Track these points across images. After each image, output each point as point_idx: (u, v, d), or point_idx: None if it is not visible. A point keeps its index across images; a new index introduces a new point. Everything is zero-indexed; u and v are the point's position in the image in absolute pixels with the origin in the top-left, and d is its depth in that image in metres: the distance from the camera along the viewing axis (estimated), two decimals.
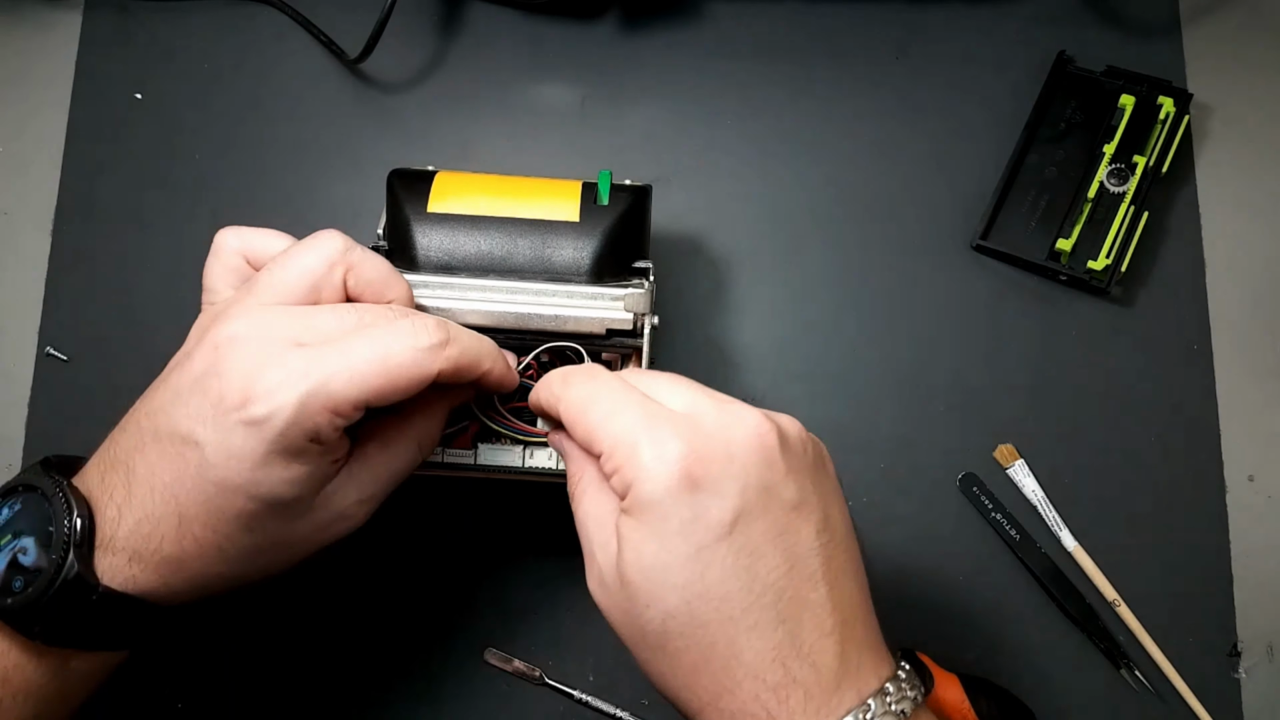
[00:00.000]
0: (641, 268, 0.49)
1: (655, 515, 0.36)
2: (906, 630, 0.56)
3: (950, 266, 0.61)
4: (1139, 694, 0.55)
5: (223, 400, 0.37)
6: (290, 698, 0.55)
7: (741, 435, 0.37)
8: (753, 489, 0.36)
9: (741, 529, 0.36)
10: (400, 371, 0.39)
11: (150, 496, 0.38)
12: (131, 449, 0.39)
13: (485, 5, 0.64)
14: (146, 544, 0.38)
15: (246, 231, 0.44)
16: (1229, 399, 0.59)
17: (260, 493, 0.38)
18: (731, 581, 0.36)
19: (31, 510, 0.39)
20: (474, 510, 0.56)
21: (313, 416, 0.37)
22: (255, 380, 0.37)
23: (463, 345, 0.41)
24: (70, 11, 0.64)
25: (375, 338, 0.39)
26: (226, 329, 0.39)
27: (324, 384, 0.37)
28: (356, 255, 0.42)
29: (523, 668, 0.55)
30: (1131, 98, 0.61)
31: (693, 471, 0.36)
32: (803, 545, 0.37)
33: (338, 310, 0.40)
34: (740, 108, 0.63)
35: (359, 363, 0.38)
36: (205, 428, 0.38)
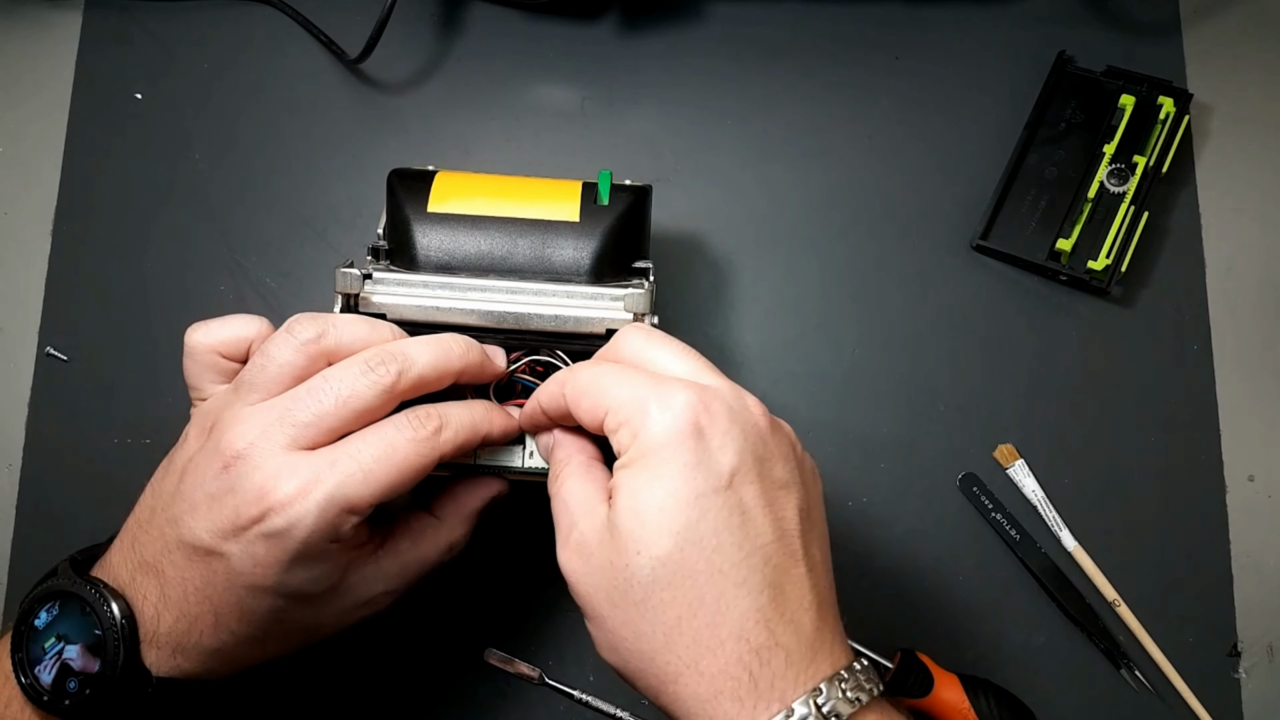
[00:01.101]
0: (642, 268, 0.49)
1: (660, 458, 0.37)
2: (906, 630, 0.56)
3: (950, 266, 0.61)
4: (1139, 694, 0.55)
5: (240, 516, 0.39)
6: (290, 697, 0.55)
7: (741, 406, 0.39)
8: (750, 454, 0.38)
9: (738, 486, 0.37)
10: (406, 465, 0.40)
11: (184, 599, 0.40)
12: (159, 554, 0.41)
13: (485, 5, 0.64)
14: (187, 638, 0.41)
15: (213, 325, 0.44)
16: (1229, 399, 0.59)
17: (288, 591, 0.40)
18: (725, 534, 0.37)
19: (71, 614, 0.41)
20: None
21: (331, 521, 0.39)
22: (270, 494, 0.39)
23: (455, 425, 0.42)
24: (70, 11, 0.64)
25: (378, 437, 0.41)
26: (231, 444, 0.40)
27: (339, 488, 0.39)
28: (331, 339, 0.42)
29: (523, 668, 0.55)
30: (1131, 98, 0.61)
31: (699, 420, 0.37)
32: (789, 522, 0.38)
33: (321, 393, 0.41)
34: (740, 108, 0.63)
35: (369, 463, 0.40)
36: (228, 542, 0.39)
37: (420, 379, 0.42)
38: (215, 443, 0.40)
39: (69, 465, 0.58)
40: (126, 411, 0.58)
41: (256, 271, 0.60)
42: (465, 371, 0.43)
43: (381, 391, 0.41)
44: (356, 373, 0.41)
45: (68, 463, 0.58)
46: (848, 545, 0.57)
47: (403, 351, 0.42)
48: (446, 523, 0.46)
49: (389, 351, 0.41)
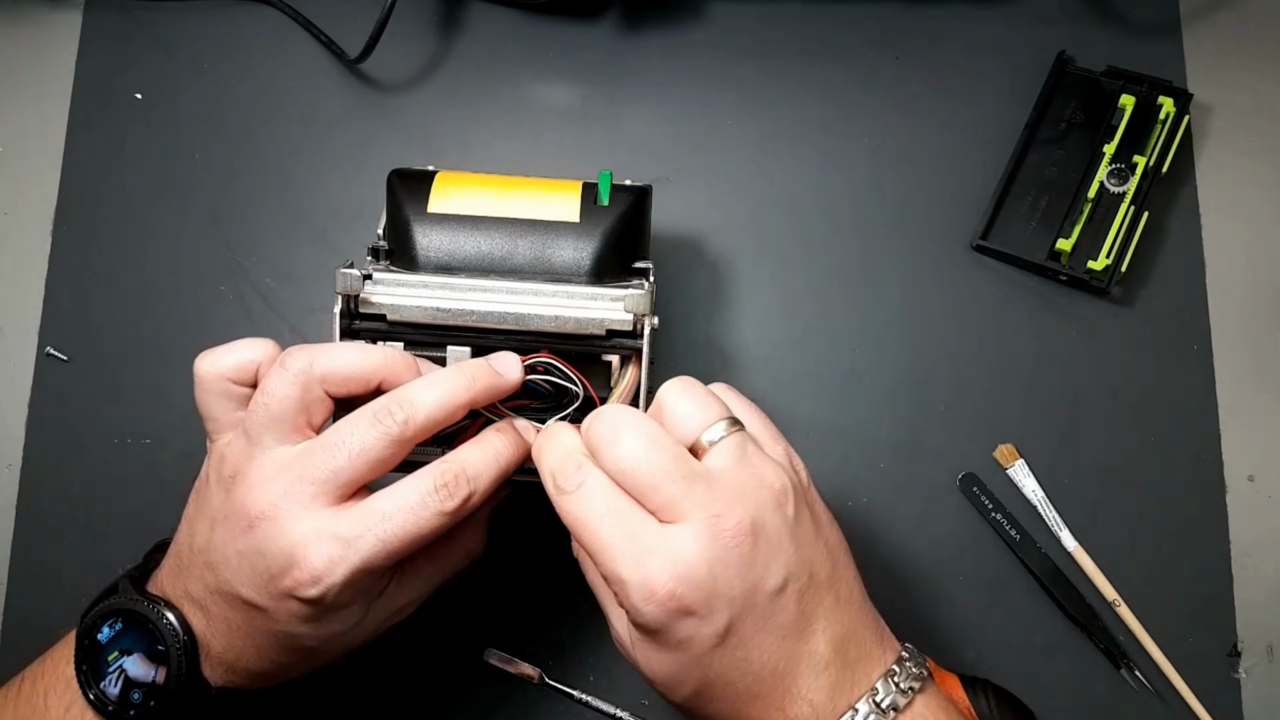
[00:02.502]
0: (642, 268, 0.49)
1: (654, 637, 0.39)
2: (906, 630, 0.55)
3: (950, 266, 0.61)
4: (1139, 694, 0.55)
5: (274, 580, 0.41)
6: (290, 697, 0.54)
7: (722, 547, 0.38)
8: (739, 599, 0.39)
9: (733, 632, 0.39)
10: (431, 533, 0.41)
11: (229, 633, 0.43)
12: (202, 594, 0.43)
13: (485, 5, 0.64)
14: (236, 663, 0.43)
15: (220, 353, 0.45)
16: (1229, 399, 0.59)
17: (323, 634, 0.43)
18: (731, 673, 0.39)
19: (134, 629, 0.43)
20: None
21: (357, 584, 0.41)
22: (298, 563, 0.40)
23: (485, 487, 0.43)
24: (70, 11, 0.64)
25: (406, 507, 0.41)
26: (254, 504, 0.41)
27: (364, 562, 0.40)
28: (321, 365, 0.43)
29: (523, 668, 0.55)
30: (1131, 98, 0.61)
31: (682, 601, 0.38)
32: (789, 615, 0.40)
33: (334, 449, 0.41)
34: (740, 108, 0.63)
35: (393, 539, 0.41)
36: (264, 598, 0.41)
37: (428, 422, 0.42)
38: (240, 500, 0.42)
39: (69, 465, 0.58)
40: (126, 411, 0.58)
41: (256, 271, 0.60)
42: (476, 401, 0.44)
43: (391, 442, 0.41)
44: (365, 425, 0.41)
45: (68, 463, 0.58)
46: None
47: (408, 398, 0.42)
48: (458, 536, 0.47)
49: (396, 400, 0.42)
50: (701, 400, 0.42)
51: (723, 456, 0.40)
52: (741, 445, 0.41)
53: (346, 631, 0.44)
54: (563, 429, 0.44)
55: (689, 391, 0.42)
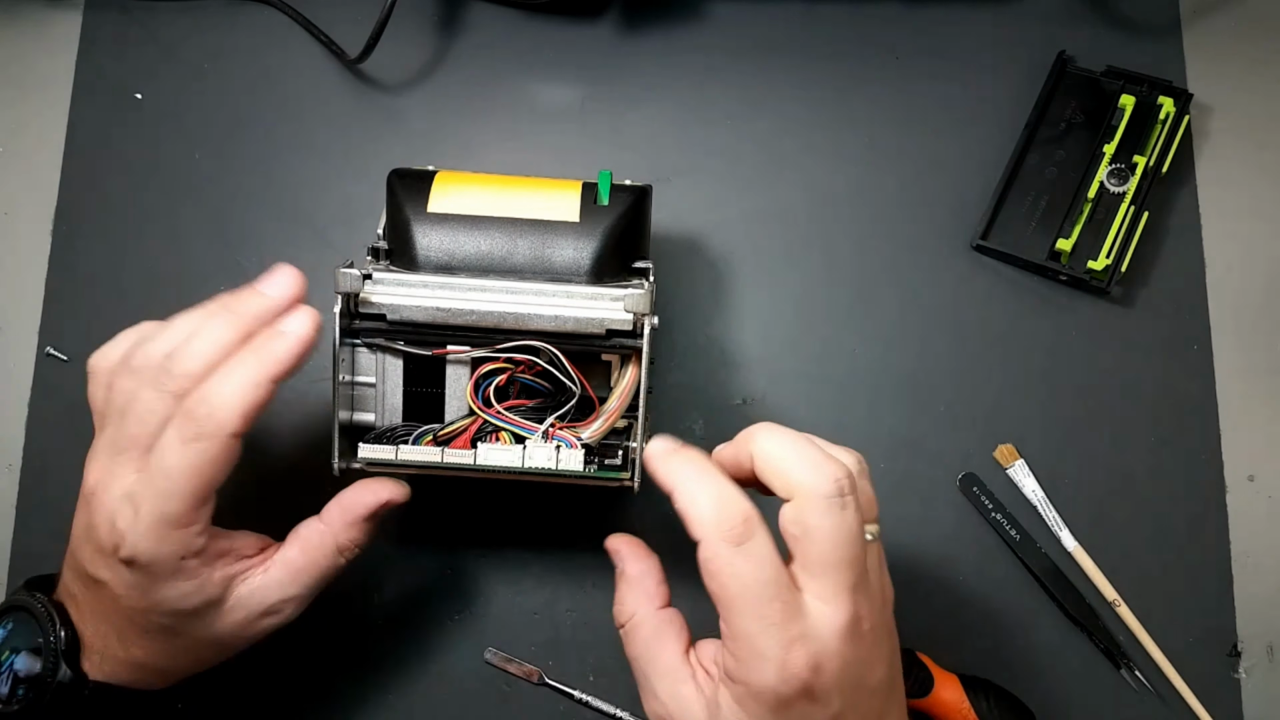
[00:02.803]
0: (641, 268, 0.49)
1: (765, 711, 0.39)
2: (907, 630, 0.55)
3: (950, 266, 0.61)
4: (1139, 694, 0.55)
5: (102, 548, 0.42)
6: (290, 698, 0.55)
7: (856, 646, 0.39)
8: (850, 691, 0.39)
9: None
10: (200, 462, 0.41)
11: (93, 617, 0.44)
12: (70, 579, 0.45)
13: (485, 5, 0.64)
14: (105, 649, 0.44)
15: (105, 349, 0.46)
16: (1229, 399, 0.59)
17: (166, 609, 0.43)
18: None
19: (21, 626, 0.45)
20: (474, 510, 0.56)
21: (165, 540, 0.41)
22: (112, 528, 0.42)
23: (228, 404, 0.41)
24: (70, 11, 0.64)
25: (167, 449, 0.41)
26: (86, 482, 0.43)
27: (154, 514, 0.41)
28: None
29: (523, 668, 0.55)
30: (1131, 98, 0.61)
31: (810, 686, 0.38)
32: (874, 712, 0.41)
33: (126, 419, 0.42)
34: (740, 108, 0.63)
35: (164, 483, 0.41)
36: (102, 570, 0.43)
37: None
38: (83, 482, 0.44)
39: (69, 465, 0.57)
40: None
41: (256, 271, 0.59)
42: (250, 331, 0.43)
43: (174, 400, 0.41)
44: (148, 389, 0.42)
45: (68, 463, 0.57)
46: None
47: (183, 354, 0.42)
48: (332, 528, 0.47)
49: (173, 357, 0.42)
50: (871, 496, 0.42)
51: (872, 557, 0.41)
52: (880, 552, 0.42)
53: (199, 612, 0.44)
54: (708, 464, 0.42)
55: (865, 481, 0.42)
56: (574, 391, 0.47)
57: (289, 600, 0.46)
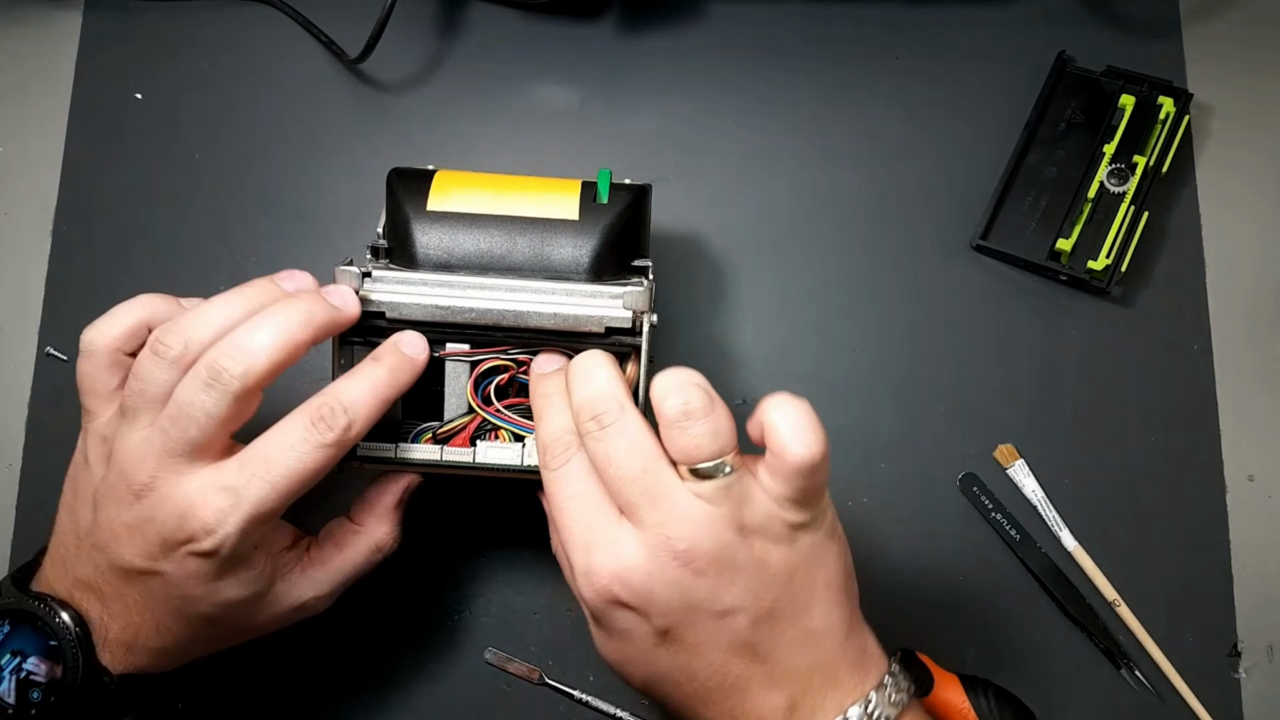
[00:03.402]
0: (641, 266, 0.49)
1: (596, 622, 0.43)
2: (907, 630, 0.56)
3: (950, 266, 0.61)
4: (1139, 694, 0.55)
5: (167, 541, 0.41)
6: (290, 698, 0.55)
7: (662, 565, 0.40)
8: (678, 611, 0.40)
9: (675, 638, 0.41)
10: (316, 469, 0.42)
11: (126, 610, 0.43)
12: (93, 575, 0.43)
13: (485, 5, 0.64)
14: (135, 640, 0.43)
15: (105, 322, 0.45)
16: (1229, 399, 0.59)
17: (219, 599, 0.43)
18: (677, 674, 0.42)
19: (23, 630, 0.43)
20: (473, 510, 0.56)
21: (252, 533, 0.41)
22: (191, 520, 0.40)
23: (364, 415, 0.42)
24: (70, 11, 0.64)
25: (287, 448, 0.41)
26: (135, 476, 0.41)
27: (255, 508, 0.41)
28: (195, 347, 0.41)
29: (523, 668, 0.55)
30: (1131, 98, 0.61)
31: (616, 595, 0.40)
32: (740, 637, 0.41)
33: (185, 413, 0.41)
34: (740, 108, 0.63)
35: (280, 480, 0.41)
36: (160, 562, 0.41)
37: (269, 368, 0.41)
38: (121, 474, 0.42)
39: (69, 465, 0.57)
40: None
41: (256, 271, 0.60)
42: (316, 337, 0.42)
43: (233, 400, 0.40)
44: (202, 391, 0.40)
45: (67, 463, 0.57)
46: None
47: (240, 347, 0.41)
48: (366, 526, 0.48)
49: (228, 353, 0.41)
50: (717, 428, 0.41)
51: (706, 489, 0.40)
52: (729, 489, 0.40)
53: (244, 601, 0.43)
54: (557, 407, 0.44)
55: (711, 415, 0.41)
56: None
57: (322, 598, 0.47)
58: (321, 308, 0.43)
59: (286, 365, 0.42)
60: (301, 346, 0.42)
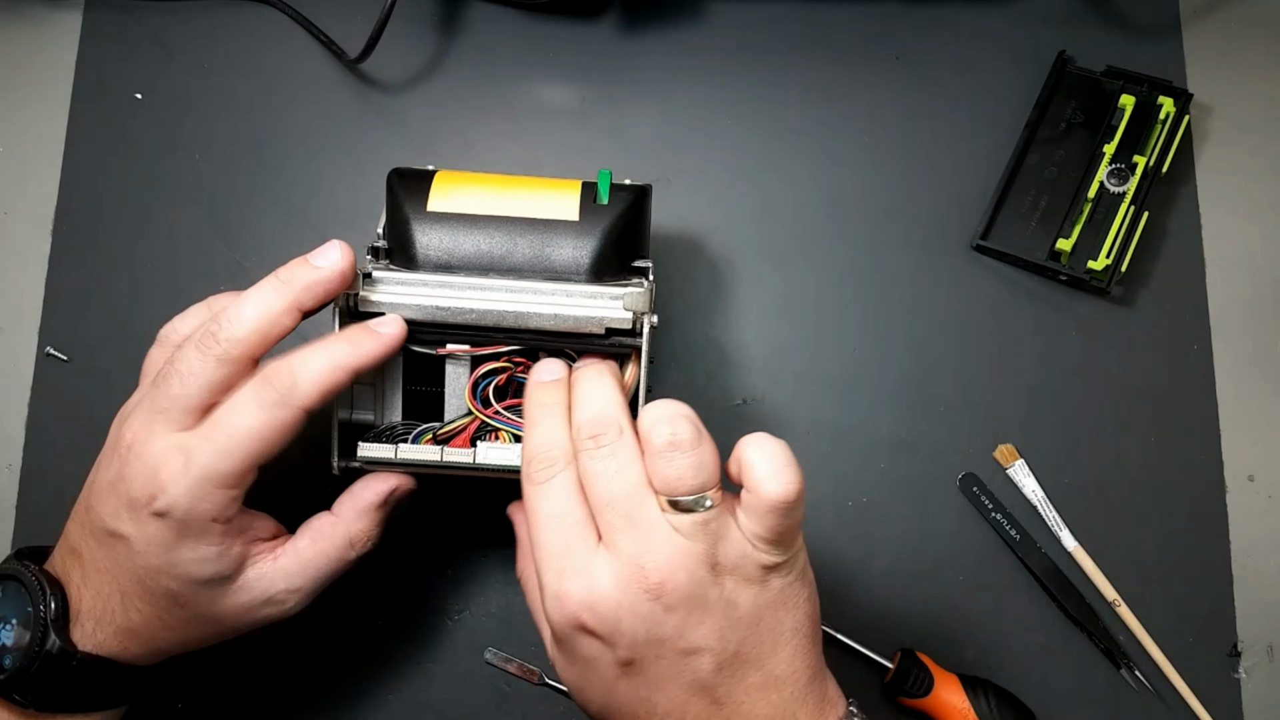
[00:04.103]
0: (641, 267, 0.49)
1: (560, 645, 0.42)
2: (906, 630, 0.56)
3: (950, 266, 0.61)
4: (1139, 694, 0.55)
5: (133, 500, 0.42)
6: (290, 698, 0.55)
7: (634, 596, 0.40)
8: (644, 644, 0.40)
9: (638, 670, 0.41)
10: (265, 431, 0.42)
11: (99, 578, 0.44)
12: (79, 539, 0.44)
13: (485, 5, 0.64)
14: (104, 614, 0.44)
15: (180, 319, 0.48)
16: (1229, 399, 0.59)
17: (178, 572, 0.43)
18: (636, 707, 0.41)
19: (10, 595, 0.44)
20: (474, 510, 0.56)
21: (205, 498, 0.42)
22: (154, 478, 0.42)
23: (311, 375, 0.43)
24: (70, 11, 0.64)
25: (236, 410, 0.42)
26: (123, 435, 0.43)
27: (205, 468, 0.41)
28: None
29: (523, 668, 0.55)
30: (1131, 98, 0.61)
31: (583, 622, 0.40)
32: (702, 677, 0.41)
33: (169, 379, 0.43)
34: (740, 108, 0.63)
35: (225, 440, 0.42)
36: (125, 524, 0.42)
37: (252, 334, 0.43)
38: (116, 435, 0.44)
39: (69, 465, 0.57)
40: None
41: (256, 271, 0.59)
42: (303, 300, 0.44)
43: (216, 363, 0.42)
44: (191, 351, 0.43)
45: (68, 463, 0.57)
46: (848, 545, 0.57)
47: (227, 315, 0.43)
48: (343, 519, 0.47)
49: (217, 320, 0.43)
50: (701, 463, 0.41)
51: (684, 523, 0.40)
52: (706, 524, 0.40)
53: (209, 583, 0.43)
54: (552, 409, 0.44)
55: (697, 449, 0.41)
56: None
57: (294, 591, 0.46)
58: (302, 272, 0.44)
59: (271, 336, 0.43)
60: (284, 313, 0.43)
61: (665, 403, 0.42)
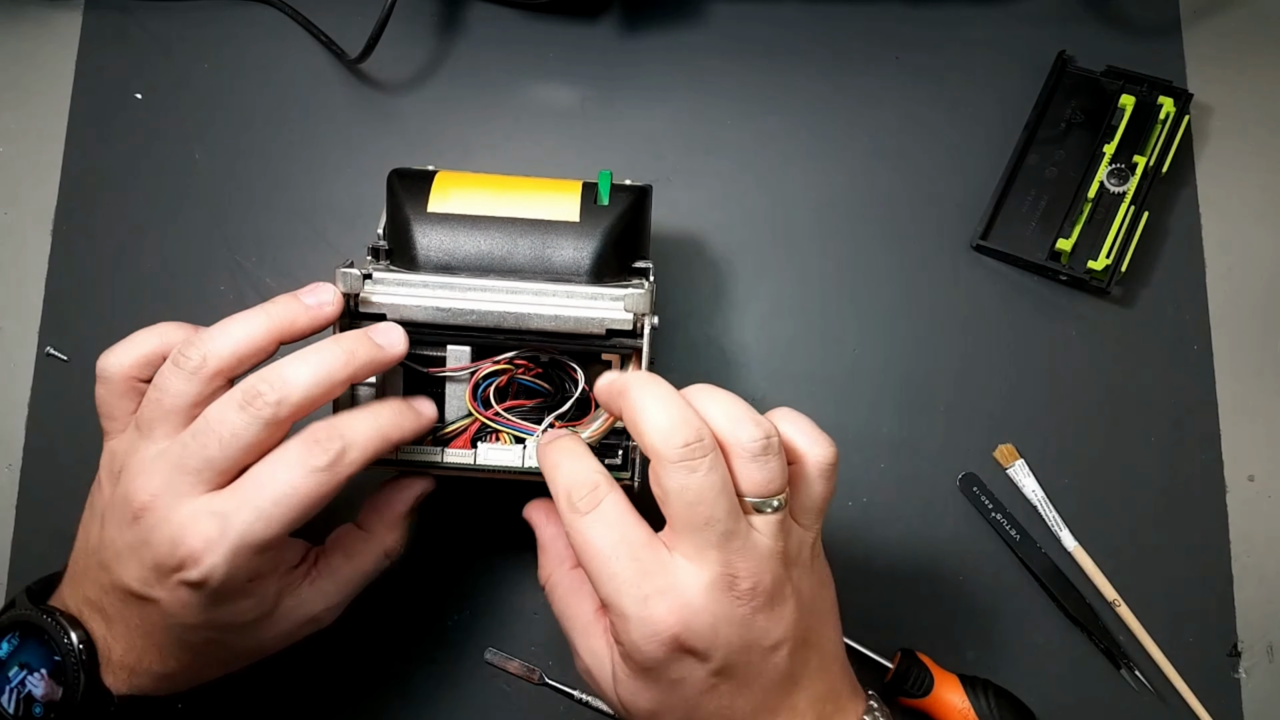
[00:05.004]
0: (642, 268, 0.49)
1: (646, 673, 0.39)
2: (907, 630, 0.56)
3: (950, 266, 0.61)
4: (1139, 694, 0.55)
5: (160, 567, 0.40)
6: (290, 697, 0.55)
7: (730, 604, 0.39)
8: (736, 650, 0.39)
9: (727, 678, 0.39)
10: (308, 498, 0.40)
11: (128, 633, 0.42)
12: (99, 595, 0.42)
13: (485, 5, 0.64)
14: (138, 664, 0.42)
15: (122, 348, 0.44)
16: (1229, 399, 0.59)
17: (219, 624, 0.41)
18: (715, 717, 0.40)
19: (31, 643, 0.42)
20: (474, 510, 0.56)
21: (243, 565, 0.40)
22: (180, 546, 0.39)
23: (360, 445, 0.41)
24: (70, 11, 0.64)
25: (278, 473, 0.40)
26: (136, 495, 0.40)
27: (242, 537, 0.39)
28: (214, 361, 0.41)
29: (523, 668, 0.55)
30: (1131, 98, 0.61)
31: (682, 641, 0.38)
32: (779, 671, 0.40)
33: (205, 436, 0.40)
34: (740, 108, 0.63)
35: (268, 506, 0.39)
36: (154, 589, 0.40)
37: (305, 400, 0.41)
38: (124, 492, 0.41)
39: (69, 465, 0.57)
40: None
41: (256, 271, 0.60)
42: (356, 375, 0.42)
43: (264, 425, 0.40)
44: (234, 410, 0.40)
45: (68, 463, 0.58)
46: (848, 546, 0.57)
47: (280, 376, 0.40)
48: (375, 533, 0.47)
49: (265, 380, 0.40)
50: (775, 472, 0.40)
51: (766, 524, 0.40)
52: (782, 523, 0.40)
53: (247, 626, 0.42)
54: (578, 449, 0.43)
55: (766, 458, 0.40)
56: (572, 392, 0.47)
57: (332, 609, 0.46)
58: (365, 347, 0.42)
59: (322, 401, 0.41)
60: (339, 384, 0.41)
61: (727, 399, 0.41)
